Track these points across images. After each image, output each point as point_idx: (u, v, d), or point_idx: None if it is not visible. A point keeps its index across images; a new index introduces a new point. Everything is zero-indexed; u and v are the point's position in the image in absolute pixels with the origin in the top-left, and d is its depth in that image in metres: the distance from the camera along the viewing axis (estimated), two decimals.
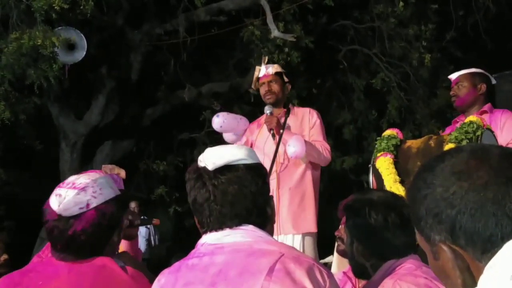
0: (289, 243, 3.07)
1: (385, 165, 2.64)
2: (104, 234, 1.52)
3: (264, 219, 1.33)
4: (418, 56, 7.80)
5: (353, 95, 8.79)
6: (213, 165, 1.28)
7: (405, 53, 8.05)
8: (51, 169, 7.37)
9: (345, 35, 8.40)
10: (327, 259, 4.56)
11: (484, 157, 0.75)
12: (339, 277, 1.82)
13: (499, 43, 7.80)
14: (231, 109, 6.52)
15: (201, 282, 1.22)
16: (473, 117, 2.64)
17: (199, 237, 1.33)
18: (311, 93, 8.44)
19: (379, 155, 2.71)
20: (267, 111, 3.34)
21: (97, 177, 1.54)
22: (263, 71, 3.44)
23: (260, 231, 1.28)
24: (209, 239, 1.29)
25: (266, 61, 3.58)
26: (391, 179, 2.58)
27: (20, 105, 6.17)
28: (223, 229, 1.28)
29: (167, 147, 8.54)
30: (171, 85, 7.88)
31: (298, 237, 3.22)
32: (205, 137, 7.92)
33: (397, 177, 2.59)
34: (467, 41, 7.95)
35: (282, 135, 3.21)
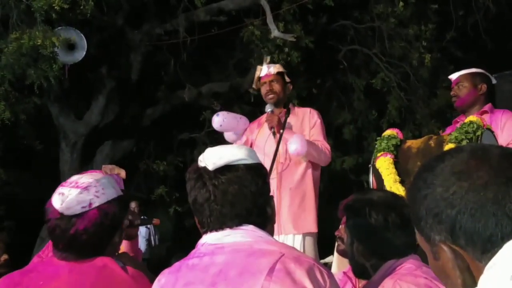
0: (289, 243, 3.07)
1: (385, 165, 2.64)
2: (105, 234, 1.52)
3: (264, 219, 1.33)
4: (418, 56, 7.79)
5: (353, 95, 8.78)
6: (213, 165, 1.28)
7: (405, 53, 8.05)
8: (51, 169, 7.38)
9: (345, 35, 8.39)
10: (327, 259, 4.56)
11: (484, 157, 0.75)
12: (339, 277, 1.82)
13: (499, 43, 7.80)
14: (231, 109, 6.49)
15: (201, 282, 1.22)
16: (473, 117, 2.64)
17: (199, 237, 1.33)
18: (311, 93, 8.43)
19: (379, 155, 2.71)
20: (268, 109, 3.35)
21: (100, 177, 1.55)
22: (265, 70, 3.45)
23: (260, 231, 1.28)
24: (209, 239, 1.29)
25: (268, 60, 3.58)
26: (391, 179, 2.58)
27: (20, 105, 6.17)
28: (224, 229, 1.28)
29: (167, 147, 8.53)
30: (171, 85, 7.88)
31: (298, 237, 3.22)
32: (205, 137, 7.92)
33: (397, 177, 2.59)
34: (467, 41, 7.94)
35: (282, 135, 3.21)
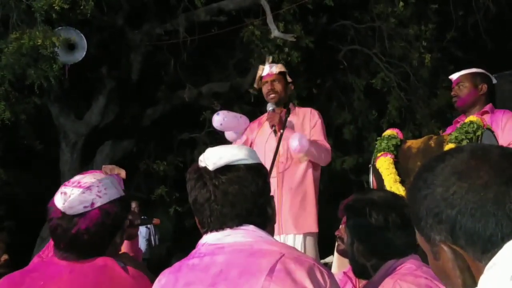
0: (290, 243, 3.08)
1: (385, 165, 2.64)
2: (107, 234, 1.52)
3: (264, 219, 1.33)
4: (418, 56, 7.79)
5: (353, 95, 8.78)
6: (213, 165, 1.28)
7: (405, 53, 8.04)
8: (51, 169, 7.38)
9: (345, 35, 8.38)
10: (327, 259, 4.56)
11: (484, 157, 0.75)
12: (340, 277, 1.82)
13: (499, 43, 7.79)
14: (231, 109, 6.46)
15: (201, 282, 1.22)
16: (473, 117, 2.63)
17: (200, 237, 1.33)
18: (311, 93, 8.43)
19: (379, 155, 2.71)
20: (270, 108, 3.36)
21: (102, 177, 1.56)
22: (267, 70, 3.46)
23: (260, 231, 1.28)
24: (209, 239, 1.29)
25: (270, 60, 3.59)
26: (391, 179, 2.58)
27: (20, 105, 6.17)
28: (224, 229, 1.28)
29: (167, 147, 8.53)
30: (171, 85, 7.88)
31: (299, 237, 3.22)
32: (206, 137, 7.92)
33: (397, 177, 2.58)
34: (467, 41, 7.93)
35: (282, 134, 3.22)
